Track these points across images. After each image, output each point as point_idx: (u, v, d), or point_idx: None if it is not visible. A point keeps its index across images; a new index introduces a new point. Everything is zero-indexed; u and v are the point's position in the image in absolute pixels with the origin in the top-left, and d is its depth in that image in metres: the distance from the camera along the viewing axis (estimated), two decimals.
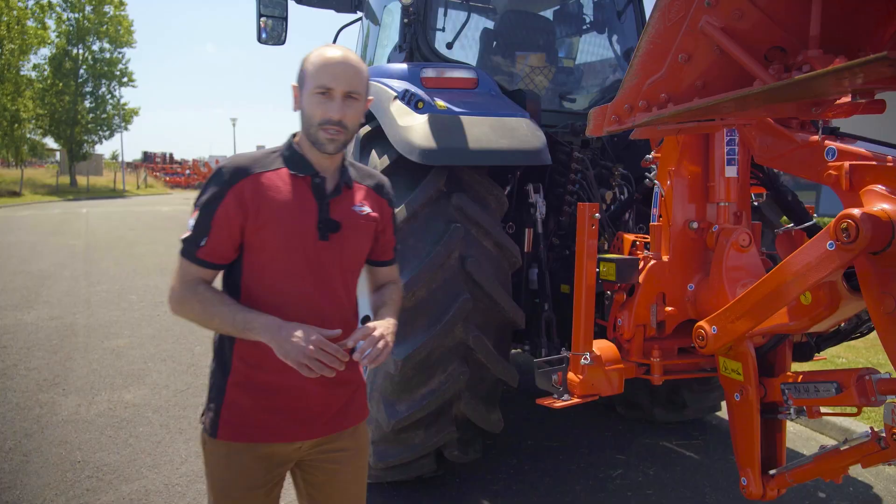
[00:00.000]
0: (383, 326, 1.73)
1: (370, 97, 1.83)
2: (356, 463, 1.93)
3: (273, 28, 4.21)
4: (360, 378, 1.93)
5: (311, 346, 1.56)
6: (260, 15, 4.14)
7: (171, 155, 67.98)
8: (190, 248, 1.69)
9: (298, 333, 1.58)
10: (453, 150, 2.93)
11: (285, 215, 1.69)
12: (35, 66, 37.15)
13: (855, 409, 2.24)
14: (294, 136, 1.81)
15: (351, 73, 1.69)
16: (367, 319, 3.60)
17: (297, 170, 1.74)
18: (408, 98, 3.14)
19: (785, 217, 3.18)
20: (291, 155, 1.76)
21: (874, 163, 1.74)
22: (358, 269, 1.89)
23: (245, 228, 1.68)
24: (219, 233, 1.67)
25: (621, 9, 4.36)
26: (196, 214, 1.69)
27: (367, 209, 1.83)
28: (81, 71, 38.52)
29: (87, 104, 39.36)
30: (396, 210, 2.90)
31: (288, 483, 1.93)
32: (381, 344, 1.66)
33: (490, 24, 4.39)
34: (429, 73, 3.35)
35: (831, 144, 1.89)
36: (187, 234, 1.69)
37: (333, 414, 1.83)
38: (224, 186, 1.68)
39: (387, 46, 4.28)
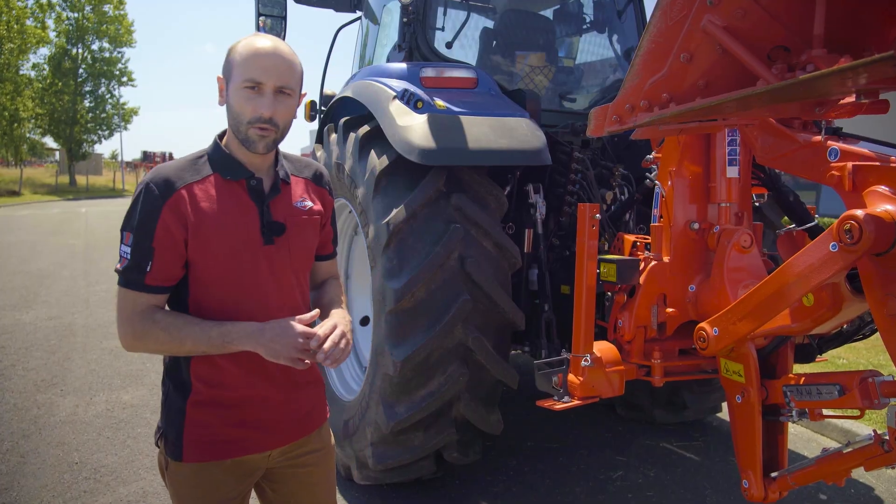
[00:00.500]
0: (342, 324, 1.65)
1: (303, 92, 1.70)
2: (326, 463, 1.90)
3: (272, 27, 4.20)
4: (320, 378, 1.89)
5: (297, 340, 1.53)
6: (259, 14, 4.13)
7: (170, 154, 67.82)
8: (135, 277, 1.55)
9: (281, 331, 1.54)
10: (453, 150, 2.92)
11: (227, 225, 1.59)
12: (34, 66, 37.31)
13: (857, 412, 2.23)
14: (220, 136, 1.69)
15: (283, 66, 1.56)
16: (366, 321, 3.59)
17: (231, 174, 1.63)
18: (407, 98, 3.12)
19: (786, 217, 3.16)
20: (221, 158, 1.64)
21: (877, 163, 1.72)
22: (308, 265, 1.82)
23: (188, 243, 1.57)
24: (163, 253, 1.55)
25: (621, 8, 4.34)
26: (130, 239, 1.55)
27: (308, 203, 1.75)
28: (81, 70, 38.52)
29: (86, 104, 39.38)
30: (395, 210, 2.91)
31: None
32: (342, 343, 1.60)
33: (490, 24, 4.37)
34: (428, 72, 3.33)
35: (834, 145, 1.87)
36: (125, 262, 1.55)
37: (300, 418, 1.80)
38: (157, 203, 1.54)
39: (386, 46, 4.26)
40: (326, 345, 1.56)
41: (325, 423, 1.91)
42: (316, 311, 1.63)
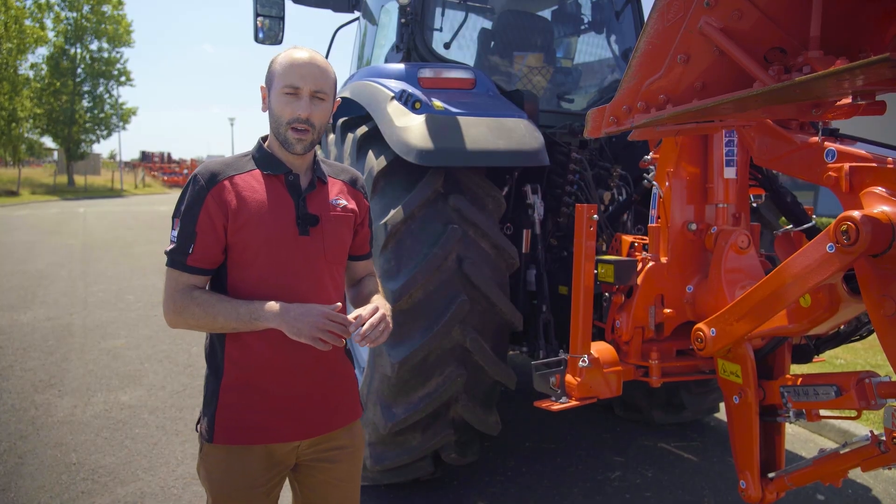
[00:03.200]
0: (383, 308, 1.76)
1: (338, 99, 1.86)
2: (352, 461, 1.96)
3: (270, 28, 4.20)
4: (353, 374, 1.96)
5: (320, 320, 1.61)
6: (257, 15, 4.13)
7: (168, 154, 67.92)
8: (178, 258, 1.71)
9: (305, 311, 1.63)
10: (450, 150, 2.91)
11: (264, 214, 1.72)
12: (32, 66, 37.17)
13: (854, 413, 2.23)
14: (263, 139, 1.85)
15: (317, 73, 1.72)
16: None
17: (270, 169, 1.78)
18: (405, 98, 3.12)
19: (783, 218, 3.17)
20: (263, 156, 1.80)
21: (874, 164, 1.72)
22: (342, 260, 1.91)
23: (227, 229, 1.71)
24: (205, 237, 1.70)
25: (619, 9, 4.34)
26: (178, 224, 1.71)
27: (343, 202, 1.87)
28: (79, 70, 38.46)
29: (84, 103, 39.30)
30: (393, 211, 2.91)
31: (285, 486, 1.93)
32: (381, 326, 1.69)
33: (488, 24, 4.37)
34: (426, 73, 3.33)
35: (831, 146, 1.87)
36: (172, 245, 1.72)
37: (329, 412, 1.86)
38: (202, 191, 1.70)
39: (384, 46, 4.26)
40: (364, 327, 1.65)
41: (356, 421, 1.97)
42: (338, 304, 1.69)
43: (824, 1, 1.66)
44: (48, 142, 41.56)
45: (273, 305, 1.65)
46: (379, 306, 1.74)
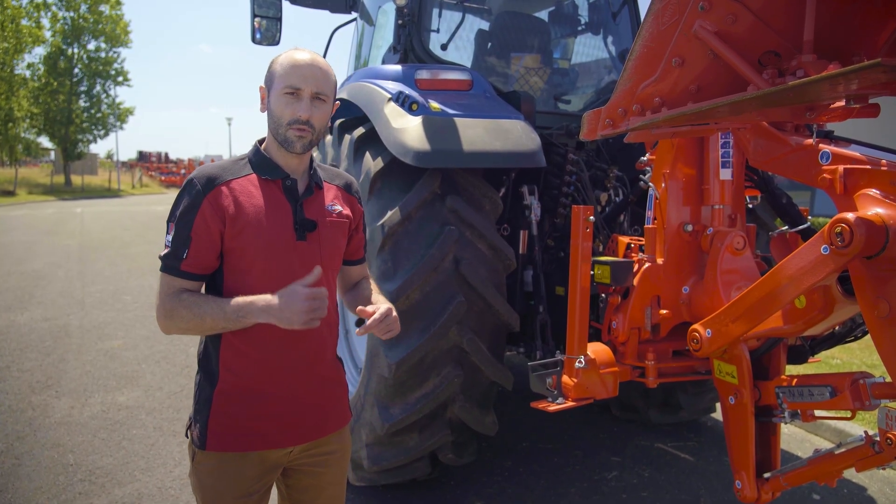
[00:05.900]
0: (391, 306, 1.78)
1: (337, 101, 1.84)
2: (341, 465, 1.97)
3: (267, 28, 4.20)
4: (344, 379, 1.97)
5: (306, 303, 1.58)
6: (254, 15, 4.13)
7: (166, 154, 67.90)
8: (172, 263, 1.68)
9: (289, 299, 1.58)
10: (447, 152, 2.92)
11: (262, 219, 1.71)
12: (29, 65, 37.10)
13: (849, 413, 2.24)
14: (260, 142, 1.83)
15: (319, 75, 1.71)
16: (361, 322, 3.59)
17: (268, 174, 1.76)
18: (402, 100, 3.12)
19: (779, 219, 3.18)
20: (260, 160, 1.78)
21: (868, 166, 1.73)
22: (337, 265, 1.92)
23: (224, 235, 1.69)
24: (199, 243, 1.67)
25: (616, 10, 4.35)
26: (173, 228, 1.68)
27: (339, 207, 1.87)
28: (76, 70, 38.40)
29: (81, 103, 39.28)
30: (390, 213, 2.92)
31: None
32: (390, 320, 1.72)
33: (485, 26, 4.37)
34: (423, 74, 3.33)
35: (825, 148, 1.88)
36: (166, 250, 1.69)
37: (322, 417, 1.86)
38: (198, 196, 1.67)
39: (381, 47, 4.27)
40: (390, 318, 1.72)
41: (346, 427, 1.97)
42: (318, 269, 1.66)
43: (818, 5, 1.67)
44: (45, 142, 41.60)
45: (257, 301, 1.61)
46: (386, 304, 1.78)
